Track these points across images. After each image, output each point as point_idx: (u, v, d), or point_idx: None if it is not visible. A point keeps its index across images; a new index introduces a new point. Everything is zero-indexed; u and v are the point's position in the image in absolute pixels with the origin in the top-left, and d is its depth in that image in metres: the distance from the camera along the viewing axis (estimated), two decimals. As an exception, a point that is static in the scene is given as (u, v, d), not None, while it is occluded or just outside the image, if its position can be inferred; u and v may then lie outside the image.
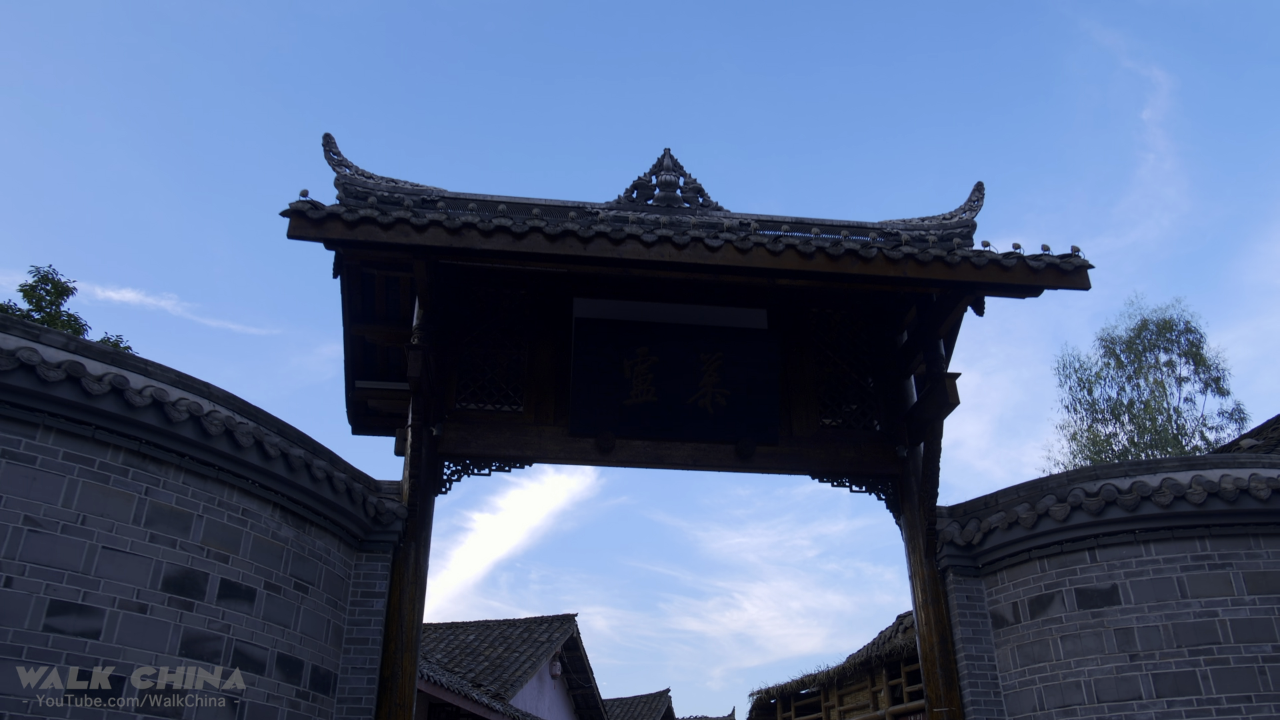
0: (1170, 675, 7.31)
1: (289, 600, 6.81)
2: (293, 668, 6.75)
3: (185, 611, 6.04)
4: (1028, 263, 7.91)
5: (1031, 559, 8.14)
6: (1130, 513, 7.69)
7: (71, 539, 5.64)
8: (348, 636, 7.47)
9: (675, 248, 7.64)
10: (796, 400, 9.42)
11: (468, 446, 8.68)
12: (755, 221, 10.06)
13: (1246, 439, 11.62)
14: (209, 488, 6.42)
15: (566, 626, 22.69)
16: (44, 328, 6.09)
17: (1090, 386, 22.83)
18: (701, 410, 8.97)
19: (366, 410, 10.64)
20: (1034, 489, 8.49)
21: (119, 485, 5.94)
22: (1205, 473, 7.90)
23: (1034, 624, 7.99)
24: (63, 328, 17.26)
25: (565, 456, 8.88)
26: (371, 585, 7.71)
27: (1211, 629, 7.35)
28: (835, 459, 9.14)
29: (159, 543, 6.02)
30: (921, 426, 8.91)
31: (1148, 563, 7.67)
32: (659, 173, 10.22)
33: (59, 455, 5.75)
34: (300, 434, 7.35)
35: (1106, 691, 7.45)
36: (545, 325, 9.40)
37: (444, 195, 9.76)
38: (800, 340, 9.71)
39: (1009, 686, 8.06)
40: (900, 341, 9.69)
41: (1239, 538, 7.60)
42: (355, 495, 7.52)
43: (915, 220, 10.52)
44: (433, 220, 7.38)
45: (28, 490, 5.57)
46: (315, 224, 7.26)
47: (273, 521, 6.82)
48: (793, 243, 7.79)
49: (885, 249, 7.86)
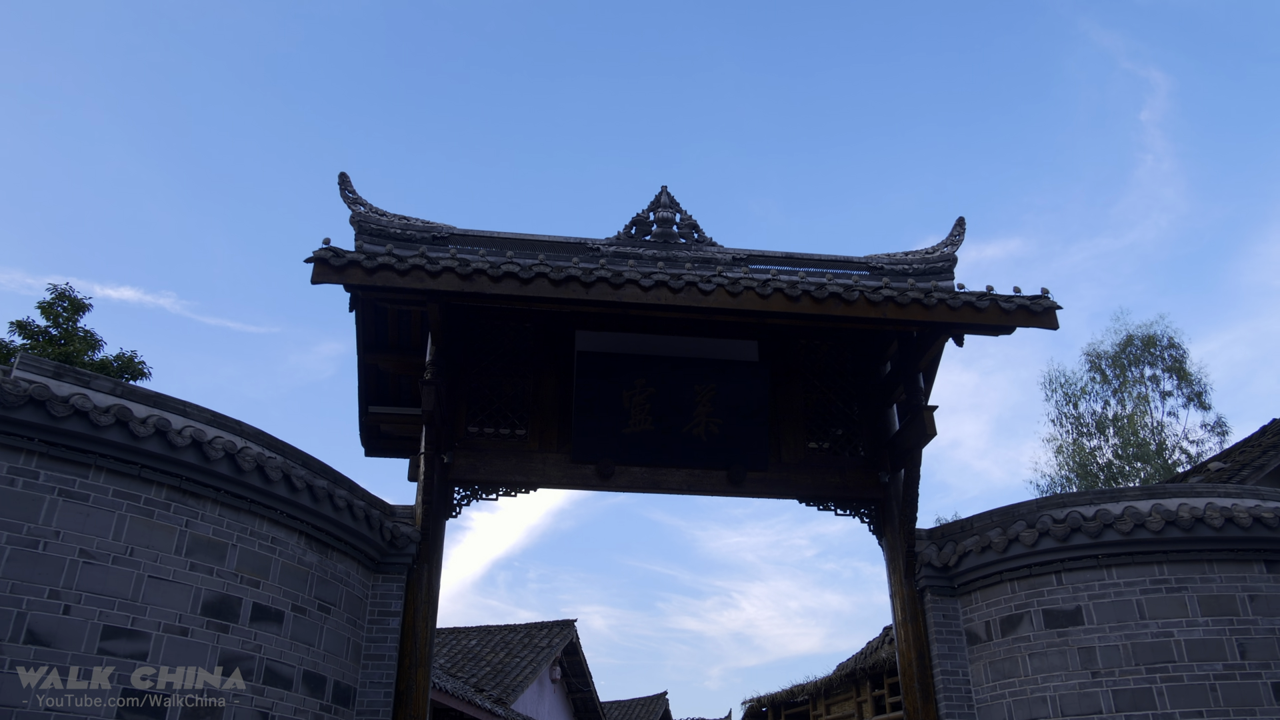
0: (1129, 691, 7.89)
1: (313, 621, 7.38)
2: (317, 683, 7.32)
3: (222, 633, 6.62)
4: (1000, 305, 8.49)
5: (1003, 580, 8.72)
6: (1094, 539, 8.28)
7: (121, 569, 6.21)
8: (366, 653, 8.05)
9: (671, 291, 8.20)
10: (785, 427, 9.99)
11: (476, 473, 9.25)
12: (747, 256, 10.65)
13: (1214, 462, 12.21)
14: (242, 519, 6.99)
15: (566, 632, 23.24)
16: (94, 375, 6.65)
17: (1076, 401, 23.46)
18: (696, 438, 9.55)
19: (379, 434, 11.22)
20: (1006, 514, 9.07)
21: (162, 519, 6.51)
22: (1164, 501, 8.48)
23: (1005, 642, 8.57)
24: (79, 343, 17.81)
25: (567, 482, 9.45)
26: (387, 604, 8.28)
27: (1167, 648, 7.93)
28: (821, 484, 9.72)
29: (198, 571, 6.60)
30: (902, 454, 9.49)
31: (1109, 586, 8.25)
32: (656, 209, 10.78)
33: (109, 493, 6.32)
34: (323, 465, 7.92)
35: (1070, 706, 8.03)
36: (549, 356, 9.97)
37: (453, 232, 10.32)
38: (788, 370, 10.28)
39: (981, 700, 8.64)
40: (883, 372, 10.26)
41: (1194, 563, 8.17)
42: (373, 521, 8.09)
43: (900, 255, 11.08)
44: (446, 267, 7.94)
45: (82, 525, 6.15)
46: (337, 270, 7.83)
47: (299, 548, 7.40)
48: (780, 286, 8.36)
49: (867, 292, 8.42)
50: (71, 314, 18.31)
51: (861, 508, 9.83)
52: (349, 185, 10.42)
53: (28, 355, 6.47)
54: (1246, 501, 8.45)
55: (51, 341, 17.63)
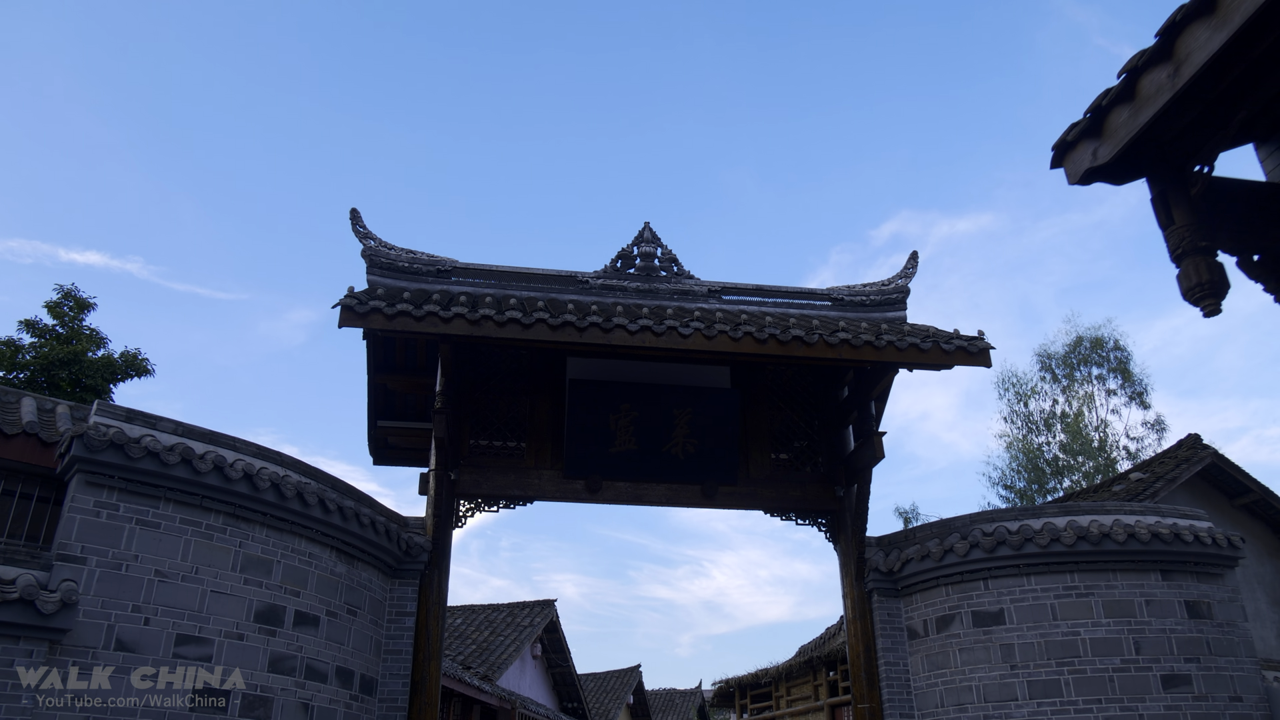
0: (1041, 682, 9.24)
1: (343, 623, 8.55)
2: (346, 677, 8.50)
3: (270, 637, 7.77)
4: (941, 346, 9.73)
5: (939, 585, 10.04)
6: (1016, 551, 9.60)
7: (189, 585, 7.34)
8: (386, 648, 9.23)
9: (654, 335, 9.37)
10: (753, 445, 11.22)
11: (479, 487, 10.42)
12: (721, 288, 11.83)
13: (1135, 472, 13.60)
14: (284, 538, 8.12)
15: (547, 611, 24.55)
16: (158, 417, 7.72)
17: (1026, 400, 24.95)
18: (674, 457, 10.75)
19: (386, 445, 12.34)
20: (943, 527, 10.37)
21: (220, 541, 7.63)
22: (1078, 518, 9.81)
23: (939, 638, 9.90)
24: (85, 341, 18.68)
25: (560, 495, 10.64)
26: (404, 606, 9.46)
27: (1075, 645, 9.29)
28: (784, 497, 10.98)
29: (250, 584, 7.73)
30: (856, 472, 10.77)
31: (1028, 591, 9.58)
32: (640, 244, 11.91)
33: (176, 520, 7.43)
34: (348, 486, 9.05)
35: (991, 694, 9.38)
36: (544, 381, 11.12)
37: (455, 266, 11.41)
38: (756, 394, 11.49)
39: (918, 688, 9.99)
40: (841, 396, 11.50)
41: (1100, 572, 9.52)
42: (391, 534, 9.25)
43: (859, 286, 12.29)
44: (457, 314, 9.05)
45: (155, 549, 7.26)
46: (361, 316, 8.92)
47: (331, 561, 8.55)
48: (750, 330, 9.54)
49: (825, 335, 9.63)
50: (77, 312, 19.17)
51: (819, 518, 11.11)
52: (359, 220, 11.45)
53: (103, 403, 7.54)
54: (1148, 519, 9.80)
55: (59, 339, 18.49)
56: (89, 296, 19.14)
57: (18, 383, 17.70)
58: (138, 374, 18.86)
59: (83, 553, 6.93)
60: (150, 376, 19.07)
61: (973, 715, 9.42)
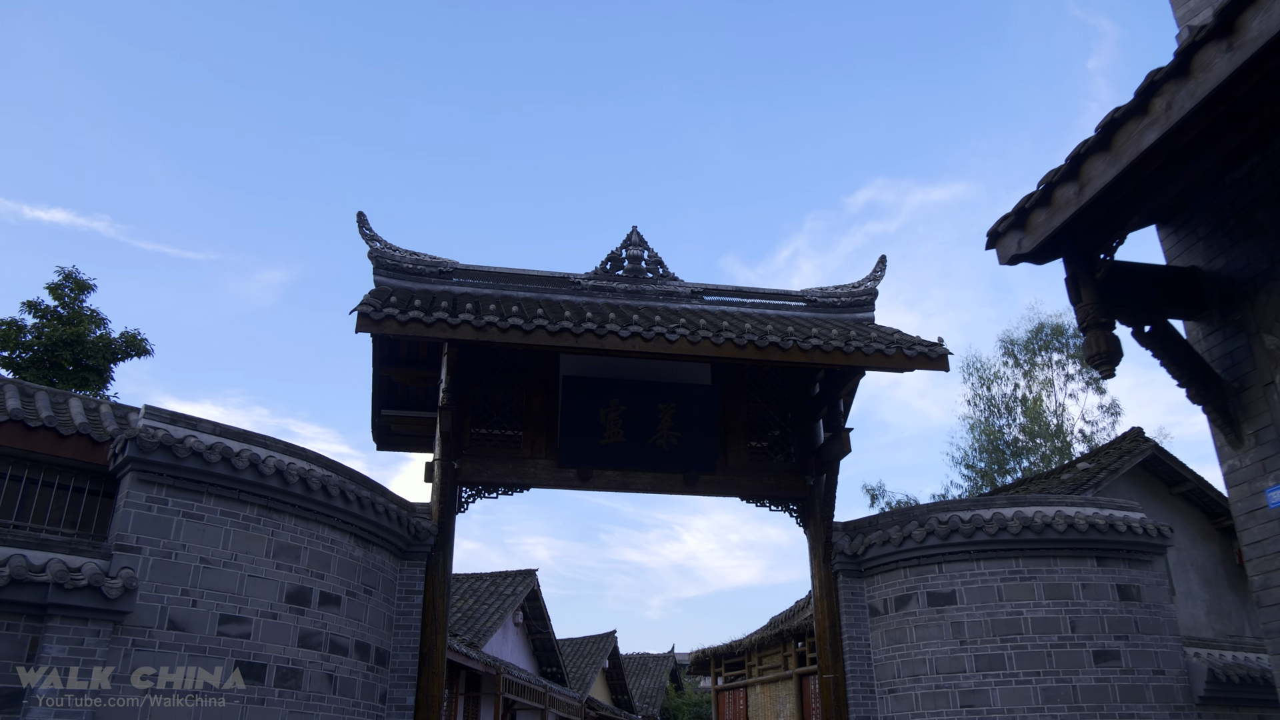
0: (987, 656, 10.33)
1: (361, 602, 9.46)
2: (364, 650, 9.42)
3: (299, 616, 8.66)
4: (904, 352, 10.68)
5: (898, 567, 11.08)
6: (968, 538, 10.64)
7: (230, 571, 8.20)
8: (397, 624, 10.15)
9: (643, 340, 10.25)
10: (731, 437, 12.17)
11: (480, 475, 11.31)
12: (703, 289, 12.73)
13: (1083, 462, 14.71)
14: (310, 527, 8.99)
15: (528, 580, 25.59)
16: (198, 419, 8.53)
17: (989, 384, 26.13)
18: (659, 448, 11.68)
19: (389, 432, 13.19)
20: (903, 515, 11.40)
21: (255, 530, 8.49)
22: (1024, 509, 10.86)
23: (897, 616, 10.97)
24: (86, 322, 19.28)
25: (554, 483, 11.55)
26: (413, 585, 10.37)
27: (1018, 624, 10.37)
28: (759, 485, 11.96)
29: (281, 569, 8.61)
30: (825, 463, 11.77)
31: (978, 574, 10.64)
32: (628, 247, 12.76)
33: (217, 513, 8.28)
34: (364, 478, 9.90)
35: (943, 666, 10.46)
36: (539, 375, 11.98)
37: (456, 267, 12.23)
38: (735, 389, 12.43)
39: (878, 660, 11.06)
40: (813, 392, 12.46)
41: (1042, 557, 10.59)
42: (402, 520, 10.14)
43: (831, 288, 13.23)
44: (464, 320, 9.88)
45: (200, 539, 8.11)
46: (376, 322, 9.73)
47: (350, 546, 9.43)
48: (730, 336, 10.44)
49: (799, 341, 10.55)
50: (77, 293, 19.75)
51: (791, 504, 12.11)
52: (366, 224, 12.21)
53: (151, 407, 8.33)
54: (1086, 510, 10.87)
55: (60, 320, 19.09)
56: (89, 278, 19.74)
57: (22, 362, 18.32)
58: (137, 354, 19.52)
59: (138, 543, 7.77)
60: (149, 355, 19.74)
61: (926, 685, 10.50)
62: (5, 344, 18.22)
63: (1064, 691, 10.04)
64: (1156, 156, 4.20)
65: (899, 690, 10.72)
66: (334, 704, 8.82)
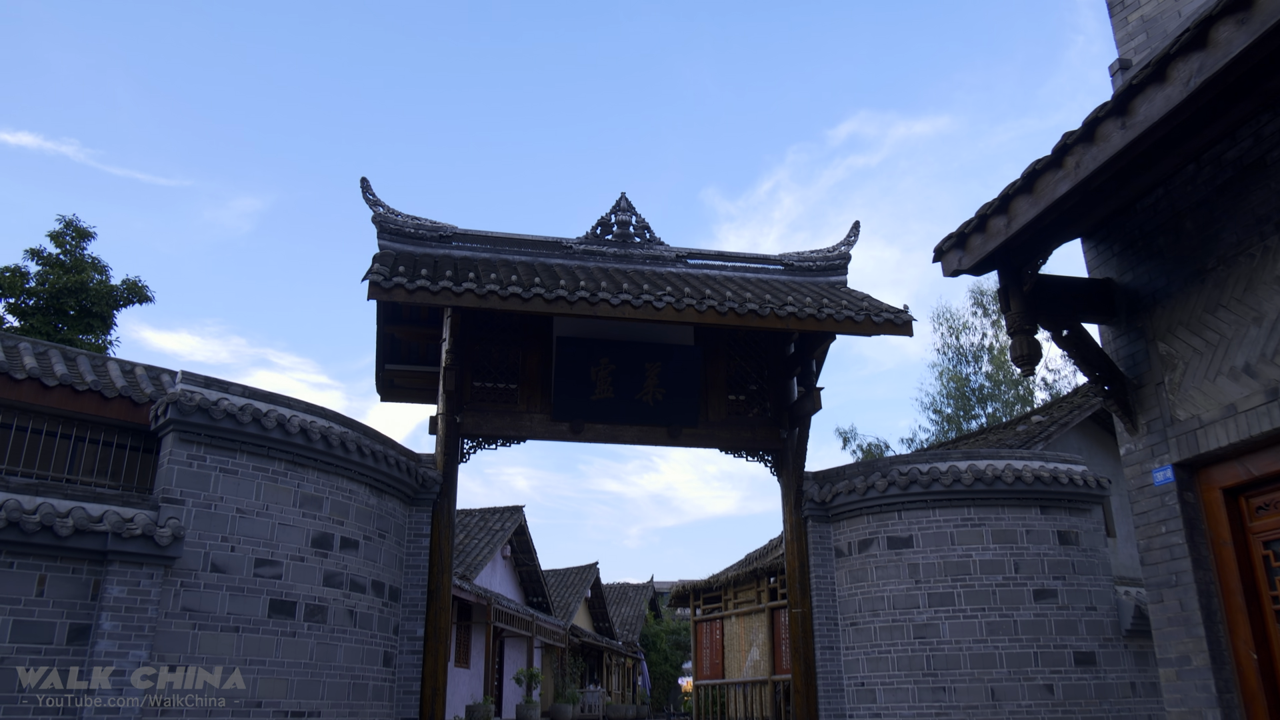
0: (939, 593, 11.49)
1: (376, 545, 10.44)
2: (379, 588, 10.43)
3: (323, 559, 9.63)
4: (872, 319, 11.62)
5: (861, 514, 12.18)
6: (925, 489, 11.72)
7: (262, 519, 9.14)
8: (407, 564, 11.16)
9: (633, 307, 11.12)
10: (711, 393, 13.14)
11: (480, 429, 12.24)
12: (688, 254, 13.58)
13: (1037, 414, 15.82)
14: (331, 478, 9.91)
15: (516, 516, 26.77)
16: (229, 383, 9.37)
17: (958, 334, 27.22)
18: (645, 404, 12.64)
19: (392, 385, 14.06)
20: (868, 466, 12.47)
21: (283, 483, 9.41)
22: (978, 462, 11.93)
23: (860, 557, 12.09)
24: (88, 269, 19.86)
25: (548, 435, 12.50)
26: (420, 529, 11.37)
27: (967, 565, 11.52)
28: (737, 438, 12.98)
29: (307, 517, 9.55)
30: (798, 418, 12.78)
31: (933, 521, 11.76)
32: (617, 213, 13.56)
33: (250, 468, 9.18)
34: (377, 433, 10.80)
35: (900, 602, 11.63)
36: (534, 335, 12.84)
37: (455, 231, 13.00)
38: (716, 347, 13.36)
39: (842, 596, 12.22)
40: (788, 352, 13.42)
41: (991, 506, 11.70)
42: (411, 470, 11.08)
43: (808, 252, 14.10)
44: (467, 289, 10.71)
45: (235, 491, 9.02)
46: (386, 290, 10.54)
47: (365, 495, 10.38)
48: (713, 304, 11.32)
49: (776, 308, 11.45)
50: (77, 240, 20.28)
51: (766, 455, 13.15)
52: (369, 189, 12.92)
53: (187, 373, 9.15)
54: (1033, 464, 11.96)
55: (63, 268, 19.66)
56: (89, 226, 20.26)
57: (27, 309, 18.95)
58: (139, 300, 20.15)
59: (181, 495, 8.67)
60: (150, 302, 20.39)
61: (884, 619, 11.68)
62: (11, 290, 18.82)
63: (1006, 625, 11.23)
64: (1072, 196, 5.09)
65: (860, 623, 11.90)
66: (355, 636, 9.86)
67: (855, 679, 11.81)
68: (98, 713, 7.63)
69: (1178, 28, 6.43)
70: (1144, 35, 6.88)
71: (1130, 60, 6.63)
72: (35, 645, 7.62)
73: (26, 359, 9.01)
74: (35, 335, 18.01)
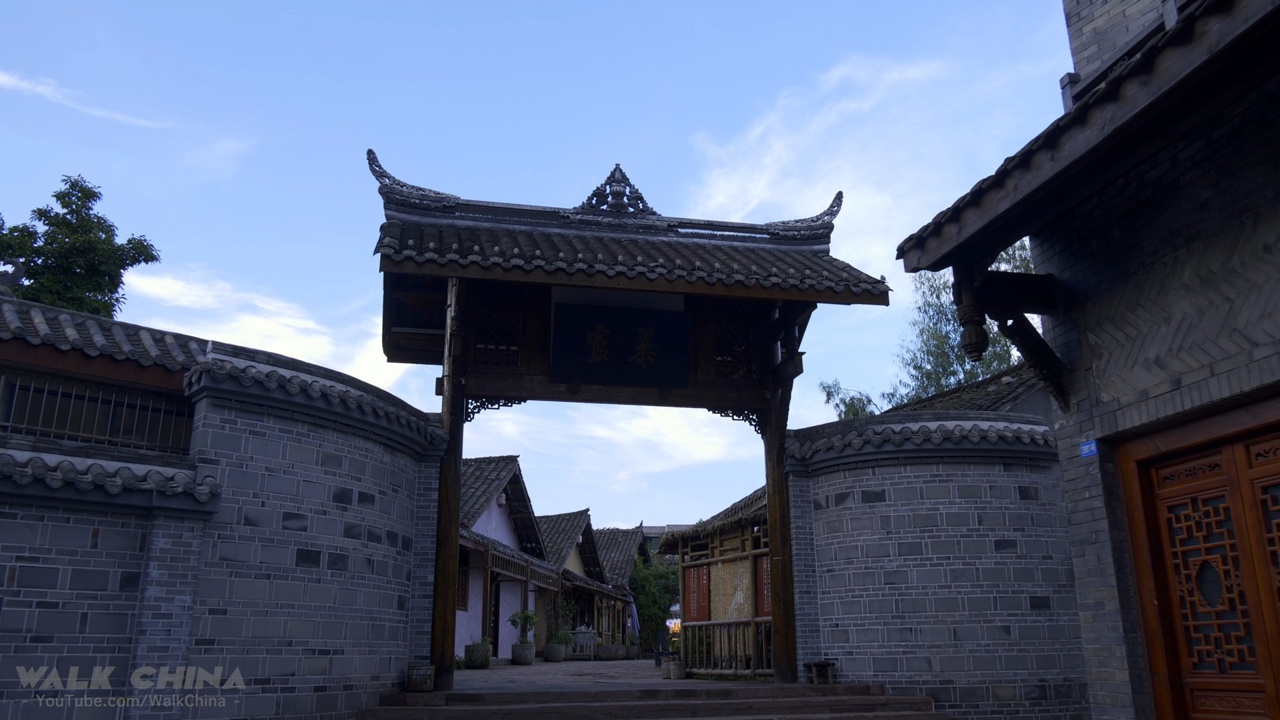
0: (908, 543, 12.48)
1: (390, 499, 11.32)
2: (393, 538, 11.34)
3: (343, 512, 10.51)
4: (850, 289, 12.44)
5: (838, 470, 13.12)
6: (897, 447, 12.65)
7: (288, 477, 9.98)
8: (417, 516, 12.07)
9: (627, 278, 11.90)
10: (700, 356, 13.98)
11: (483, 390, 13.07)
12: (679, 223, 14.32)
13: (1006, 375, 16.73)
14: (349, 438, 10.75)
15: (510, 466, 27.75)
16: (254, 350, 10.13)
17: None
18: (638, 366, 13.48)
19: (399, 346, 14.85)
20: (845, 426, 13.38)
21: (306, 444, 10.24)
22: (947, 423, 12.85)
23: (836, 509, 13.06)
24: (94, 229, 20.43)
25: (548, 396, 13.35)
26: (430, 484, 12.25)
27: (934, 518, 12.50)
28: (723, 398, 13.86)
29: (328, 474, 10.40)
30: (781, 380, 13.65)
31: (904, 477, 12.70)
32: (611, 184, 14.27)
33: (275, 430, 10.00)
34: (390, 395, 11.61)
35: (872, 551, 12.62)
36: (533, 301, 13.62)
37: (458, 202, 13.70)
38: (705, 314, 14.17)
39: (819, 545, 13.21)
40: (773, 317, 14.24)
41: (958, 463, 12.64)
42: (420, 430, 11.93)
43: (793, 222, 14.86)
44: (473, 261, 11.46)
45: (264, 451, 9.85)
46: (397, 263, 11.29)
47: (380, 453, 11.23)
48: (702, 275, 12.11)
49: (761, 278, 12.24)
50: (83, 200, 20.81)
51: (751, 414, 14.04)
52: (375, 160, 13.58)
53: (218, 343, 9.92)
54: (998, 424, 12.88)
55: (70, 228, 20.23)
56: (94, 186, 20.77)
57: (37, 268, 19.55)
58: (145, 259, 20.77)
59: (215, 455, 9.50)
60: (156, 261, 21.00)
61: (858, 566, 12.68)
62: (20, 251, 19.41)
63: (969, 572, 12.25)
64: (1013, 211, 5.89)
65: (835, 570, 12.91)
66: (372, 582, 10.78)
67: (830, 620, 12.85)
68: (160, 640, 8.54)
69: (1126, 42, 7.18)
70: (1095, 46, 7.63)
71: (1079, 75, 7.38)
72: (92, 591, 8.50)
73: (69, 330, 9.75)
74: (46, 295, 18.65)
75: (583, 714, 10.56)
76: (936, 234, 6.36)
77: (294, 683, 9.61)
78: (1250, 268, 5.23)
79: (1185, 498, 5.87)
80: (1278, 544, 5.21)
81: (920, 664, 12.06)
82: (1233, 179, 5.39)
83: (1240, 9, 4.16)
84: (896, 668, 12.15)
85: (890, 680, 12.12)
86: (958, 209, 6.08)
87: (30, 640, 8.10)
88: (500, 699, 11.02)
